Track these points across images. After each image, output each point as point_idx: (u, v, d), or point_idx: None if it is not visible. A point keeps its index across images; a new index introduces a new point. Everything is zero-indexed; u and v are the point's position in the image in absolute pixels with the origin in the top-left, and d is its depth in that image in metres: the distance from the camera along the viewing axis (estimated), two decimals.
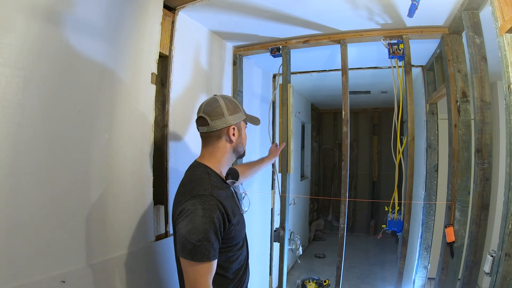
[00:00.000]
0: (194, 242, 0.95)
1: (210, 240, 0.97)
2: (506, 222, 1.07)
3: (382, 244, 4.75)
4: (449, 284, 1.68)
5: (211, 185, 1.06)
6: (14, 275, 0.91)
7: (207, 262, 0.97)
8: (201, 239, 0.95)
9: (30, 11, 0.95)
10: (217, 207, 1.00)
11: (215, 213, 0.99)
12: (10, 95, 0.90)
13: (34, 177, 0.97)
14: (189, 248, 0.95)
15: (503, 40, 1.06)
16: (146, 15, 1.42)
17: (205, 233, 0.96)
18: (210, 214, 0.98)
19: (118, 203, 1.28)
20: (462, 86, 1.66)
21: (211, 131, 1.12)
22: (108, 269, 1.21)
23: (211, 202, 1.00)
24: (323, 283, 2.88)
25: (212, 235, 0.97)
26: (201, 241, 0.95)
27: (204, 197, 1.01)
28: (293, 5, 1.61)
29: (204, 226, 0.96)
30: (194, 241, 0.95)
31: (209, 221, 0.97)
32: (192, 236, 0.95)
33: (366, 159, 5.53)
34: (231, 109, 1.14)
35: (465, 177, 1.66)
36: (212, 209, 0.99)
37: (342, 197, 1.94)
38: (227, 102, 1.14)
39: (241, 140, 1.18)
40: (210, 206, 0.99)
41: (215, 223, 0.98)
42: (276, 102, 2.78)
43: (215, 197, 1.02)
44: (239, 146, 1.18)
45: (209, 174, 1.10)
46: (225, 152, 1.15)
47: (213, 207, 1.00)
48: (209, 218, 0.98)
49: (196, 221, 0.97)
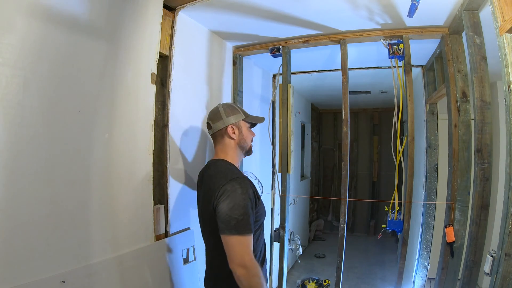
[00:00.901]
0: (237, 217, 1.10)
1: (250, 215, 1.13)
2: (506, 222, 1.07)
3: (382, 244, 4.74)
4: (449, 284, 1.68)
5: (239, 171, 1.27)
6: (14, 275, 0.91)
7: (249, 234, 1.12)
8: (243, 213, 1.11)
9: (30, 11, 0.95)
10: (250, 186, 1.19)
11: (250, 190, 1.17)
12: (10, 95, 0.91)
13: (34, 177, 0.97)
14: (233, 223, 1.10)
15: (503, 40, 1.06)
16: (146, 15, 1.42)
17: (245, 208, 1.12)
18: (247, 191, 1.15)
19: (118, 203, 1.28)
20: (462, 86, 1.66)
21: (214, 132, 1.35)
22: (108, 269, 1.21)
23: (246, 181, 1.19)
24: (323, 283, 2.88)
25: (250, 210, 1.14)
26: (243, 215, 1.11)
27: (240, 179, 1.18)
28: (293, 5, 1.61)
29: (244, 202, 1.13)
30: (237, 216, 1.10)
31: (247, 197, 1.15)
32: (236, 212, 1.11)
33: (366, 159, 5.52)
34: (229, 112, 1.35)
35: (465, 177, 1.66)
36: (248, 187, 1.17)
37: (342, 197, 1.94)
38: (225, 107, 1.36)
39: (243, 137, 1.35)
40: (245, 185, 1.17)
41: (251, 199, 1.16)
42: (276, 102, 2.78)
43: (247, 178, 1.22)
44: (242, 142, 1.35)
45: (231, 165, 1.30)
46: (232, 148, 1.34)
47: (248, 185, 1.18)
48: (247, 194, 1.15)
49: (237, 198, 1.13)
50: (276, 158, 2.54)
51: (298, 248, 3.18)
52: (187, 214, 1.72)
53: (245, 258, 1.09)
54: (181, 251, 1.62)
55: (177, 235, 1.61)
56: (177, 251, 1.60)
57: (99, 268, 1.17)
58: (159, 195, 1.55)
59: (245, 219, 1.11)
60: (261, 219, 1.27)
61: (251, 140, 1.39)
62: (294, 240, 3.18)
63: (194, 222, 1.75)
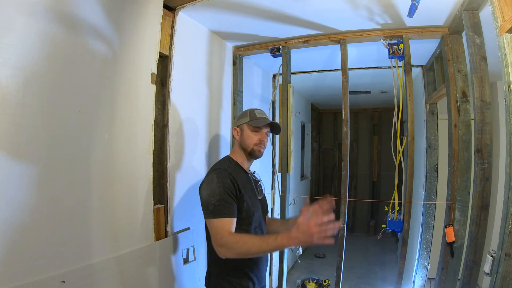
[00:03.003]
0: (214, 203, 1.22)
1: (227, 200, 1.23)
2: (506, 222, 1.07)
3: (382, 244, 4.74)
4: (449, 284, 1.68)
5: (228, 165, 1.35)
6: (14, 275, 0.91)
7: (226, 217, 1.21)
8: (219, 199, 1.22)
9: (30, 11, 0.95)
10: (228, 177, 1.27)
11: (226, 181, 1.26)
12: (10, 95, 0.90)
13: (34, 177, 0.97)
14: (211, 208, 1.22)
15: (503, 40, 1.06)
16: (146, 15, 1.42)
17: (221, 194, 1.23)
18: (222, 180, 1.26)
19: (118, 203, 1.28)
20: (462, 86, 1.66)
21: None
22: (108, 269, 1.21)
23: (223, 173, 1.29)
24: (323, 283, 2.88)
25: (227, 196, 1.23)
26: (219, 201, 1.22)
27: (218, 171, 1.30)
28: (293, 5, 1.60)
29: (219, 189, 1.23)
30: (214, 201, 1.22)
31: (222, 185, 1.24)
32: (212, 199, 1.22)
33: (366, 159, 5.52)
34: (238, 117, 1.49)
35: (465, 177, 1.65)
36: (224, 178, 1.27)
37: (342, 197, 1.94)
38: (240, 113, 1.51)
39: (243, 138, 1.42)
40: (222, 175, 1.28)
41: (227, 188, 1.24)
42: (276, 102, 2.78)
43: (227, 171, 1.30)
44: (243, 143, 1.42)
45: (229, 161, 1.40)
46: (237, 148, 1.45)
47: (225, 176, 1.27)
48: (222, 183, 1.25)
49: (213, 187, 1.25)
50: (276, 158, 2.54)
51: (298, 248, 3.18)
52: (187, 214, 1.72)
53: (223, 237, 1.17)
54: (181, 251, 1.62)
55: (177, 235, 1.61)
56: (177, 251, 1.60)
57: (99, 268, 1.17)
58: (159, 195, 1.55)
59: (221, 204, 1.22)
60: (252, 211, 1.33)
61: (254, 143, 1.40)
62: None
63: (194, 222, 1.75)
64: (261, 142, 1.41)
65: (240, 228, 1.28)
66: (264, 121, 1.42)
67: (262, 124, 1.41)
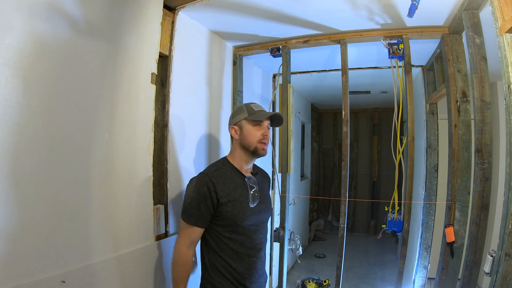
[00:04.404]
0: (186, 205, 1.26)
1: (195, 207, 1.23)
2: (506, 222, 1.07)
3: (382, 244, 4.74)
4: (449, 284, 1.68)
5: (216, 168, 1.31)
6: (14, 275, 0.91)
7: (189, 225, 1.24)
8: (189, 203, 1.25)
9: (30, 11, 0.95)
10: (205, 185, 1.24)
11: (202, 188, 1.24)
12: (10, 95, 0.90)
13: (34, 177, 0.97)
14: (183, 208, 1.27)
15: (503, 40, 1.06)
16: (146, 15, 1.42)
17: (192, 199, 1.24)
18: (198, 186, 1.25)
19: (118, 203, 1.28)
20: (462, 86, 1.66)
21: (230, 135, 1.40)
22: (108, 269, 1.21)
23: (204, 179, 1.26)
24: (323, 283, 2.88)
25: (197, 204, 1.23)
26: (189, 205, 1.25)
27: (201, 175, 1.29)
28: (293, 5, 1.60)
29: (193, 195, 1.25)
30: (186, 204, 1.26)
31: (197, 191, 1.24)
32: (186, 200, 1.27)
33: (366, 159, 5.52)
34: (233, 114, 1.39)
35: (465, 177, 1.65)
36: (202, 185, 1.25)
37: (342, 197, 1.94)
38: (237, 107, 1.45)
39: (244, 136, 1.33)
40: (201, 182, 1.26)
41: (201, 196, 1.23)
42: (276, 102, 2.78)
43: (208, 176, 1.27)
44: (243, 142, 1.33)
45: (223, 163, 1.34)
46: (236, 148, 1.37)
47: (203, 183, 1.25)
48: (197, 189, 1.24)
49: (190, 190, 1.27)
50: (276, 158, 2.55)
51: (298, 248, 3.19)
52: None
53: (177, 241, 1.27)
54: None
55: (177, 235, 1.61)
56: None
57: (99, 268, 1.17)
58: (159, 195, 1.55)
59: (189, 209, 1.24)
60: (238, 219, 1.25)
61: (257, 140, 1.31)
62: (294, 240, 3.18)
63: None
64: (264, 137, 1.31)
65: (220, 234, 1.27)
66: (265, 114, 1.33)
67: (264, 117, 1.32)
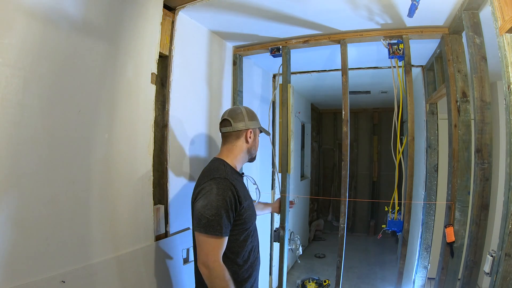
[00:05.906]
0: (208, 217, 1.11)
1: (222, 216, 1.12)
2: (506, 222, 1.07)
3: (382, 244, 4.74)
4: (449, 284, 1.68)
5: (225, 172, 1.23)
6: (14, 275, 0.91)
7: (218, 237, 1.12)
8: (214, 214, 1.11)
9: (30, 11, 0.95)
10: (229, 189, 1.16)
11: (227, 193, 1.15)
12: (10, 95, 0.90)
13: (34, 177, 0.97)
14: (203, 222, 1.11)
15: (503, 40, 1.06)
16: (146, 15, 1.42)
17: (218, 209, 1.12)
18: (223, 193, 1.14)
19: (117, 203, 1.28)
20: (462, 86, 1.66)
21: (233, 131, 1.33)
22: (107, 269, 1.21)
23: (225, 183, 1.17)
24: (323, 283, 2.88)
25: (224, 213, 1.13)
26: (215, 216, 1.11)
27: (219, 179, 1.18)
28: (293, 5, 1.60)
29: (217, 203, 1.12)
30: (209, 215, 1.11)
31: (222, 199, 1.13)
32: (207, 212, 1.12)
33: (366, 159, 5.53)
34: (250, 116, 1.37)
35: (465, 177, 1.65)
36: (226, 189, 1.15)
37: (342, 197, 1.94)
38: (247, 110, 1.38)
39: (255, 144, 1.39)
40: (223, 186, 1.16)
41: (227, 202, 1.14)
42: (276, 102, 2.78)
43: (228, 179, 1.19)
44: (252, 149, 1.38)
45: (224, 165, 1.28)
46: (241, 150, 1.35)
47: (226, 188, 1.16)
48: (222, 196, 1.14)
49: (211, 198, 1.13)
50: (276, 158, 2.54)
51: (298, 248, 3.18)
52: (187, 214, 1.71)
53: (209, 258, 1.11)
54: (181, 251, 1.62)
55: (177, 235, 1.61)
56: (177, 251, 1.60)
57: (99, 268, 1.17)
58: (159, 195, 1.55)
59: (215, 220, 1.11)
60: (248, 224, 1.26)
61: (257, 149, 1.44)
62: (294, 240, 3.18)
63: None
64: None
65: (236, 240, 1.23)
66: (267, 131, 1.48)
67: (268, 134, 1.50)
